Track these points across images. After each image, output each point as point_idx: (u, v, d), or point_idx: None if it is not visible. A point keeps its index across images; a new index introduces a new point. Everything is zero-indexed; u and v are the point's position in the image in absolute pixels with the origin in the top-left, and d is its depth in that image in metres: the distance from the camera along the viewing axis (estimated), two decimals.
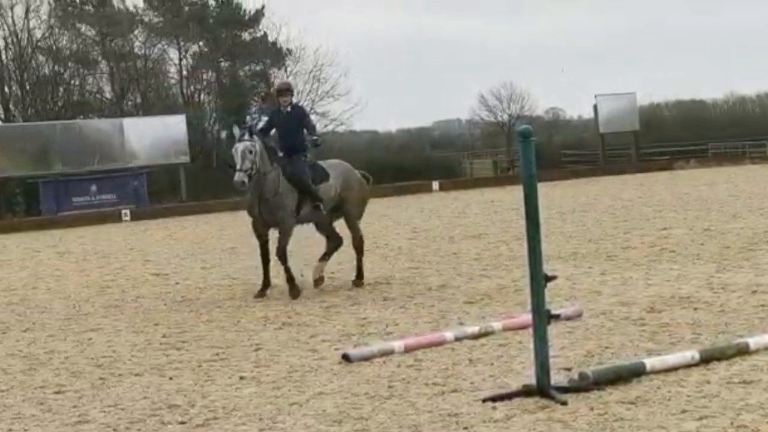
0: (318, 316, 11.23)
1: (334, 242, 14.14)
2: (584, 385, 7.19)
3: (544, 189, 9.11)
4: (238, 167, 12.96)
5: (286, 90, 14.34)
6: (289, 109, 13.84)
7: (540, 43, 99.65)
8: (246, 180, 12.95)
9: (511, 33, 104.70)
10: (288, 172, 13.36)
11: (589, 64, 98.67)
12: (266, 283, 13.40)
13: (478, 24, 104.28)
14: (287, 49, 52.57)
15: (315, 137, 13.97)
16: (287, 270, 13.15)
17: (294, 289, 13.04)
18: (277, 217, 13.37)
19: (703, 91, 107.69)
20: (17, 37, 46.81)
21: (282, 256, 13.17)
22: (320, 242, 14.26)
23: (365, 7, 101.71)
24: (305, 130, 13.80)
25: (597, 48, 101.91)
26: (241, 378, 8.40)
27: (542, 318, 7.20)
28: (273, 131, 14.11)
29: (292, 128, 13.71)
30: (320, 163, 14.02)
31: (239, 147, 13.04)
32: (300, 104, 14.31)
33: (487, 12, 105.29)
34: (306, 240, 14.43)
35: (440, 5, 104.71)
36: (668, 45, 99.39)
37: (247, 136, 13.17)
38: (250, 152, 13.03)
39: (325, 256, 13.90)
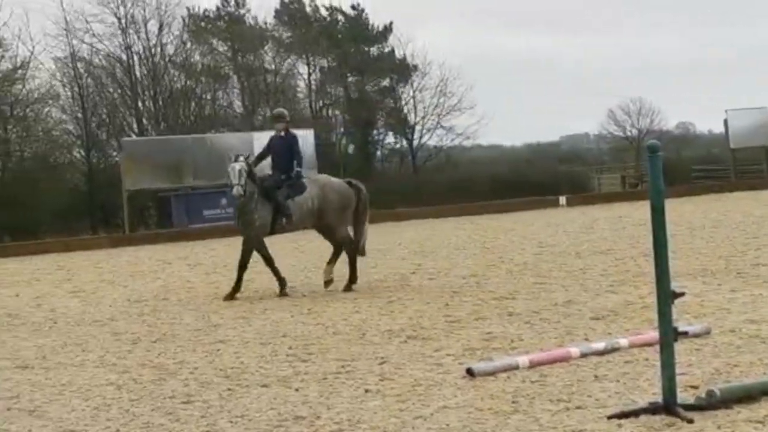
0: (442, 330, 11.25)
1: (341, 247, 16.21)
2: (711, 403, 7.07)
3: (673, 204, 8.98)
4: (235, 182, 15.40)
5: (279, 117, 16.69)
6: (282, 134, 16.36)
7: (669, 58, 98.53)
8: (242, 192, 15.41)
9: (639, 50, 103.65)
10: (265, 186, 15.79)
11: (721, 78, 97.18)
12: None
13: (605, 40, 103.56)
14: (413, 65, 52.89)
15: (298, 169, 16.14)
16: (238, 278, 15.58)
17: (231, 294, 15.39)
18: (245, 232, 15.89)
19: None
20: (151, 52, 47.83)
21: (241, 264, 15.65)
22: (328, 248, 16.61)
23: (497, 24, 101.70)
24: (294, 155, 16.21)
25: (728, 62, 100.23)
26: (366, 391, 8.45)
27: (670, 335, 7.12)
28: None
29: (283, 151, 16.22)
30: (304, 179, 16.30)
31: (236, 166, 15.48)
32: (293, 132, 16.92)
33: (614, 29, 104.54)
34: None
35: (567, 24, 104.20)
36: None
37: (241, 159, 15.64)
38: (243, 171, 15.44)
39: (332, 260, 16.16)
